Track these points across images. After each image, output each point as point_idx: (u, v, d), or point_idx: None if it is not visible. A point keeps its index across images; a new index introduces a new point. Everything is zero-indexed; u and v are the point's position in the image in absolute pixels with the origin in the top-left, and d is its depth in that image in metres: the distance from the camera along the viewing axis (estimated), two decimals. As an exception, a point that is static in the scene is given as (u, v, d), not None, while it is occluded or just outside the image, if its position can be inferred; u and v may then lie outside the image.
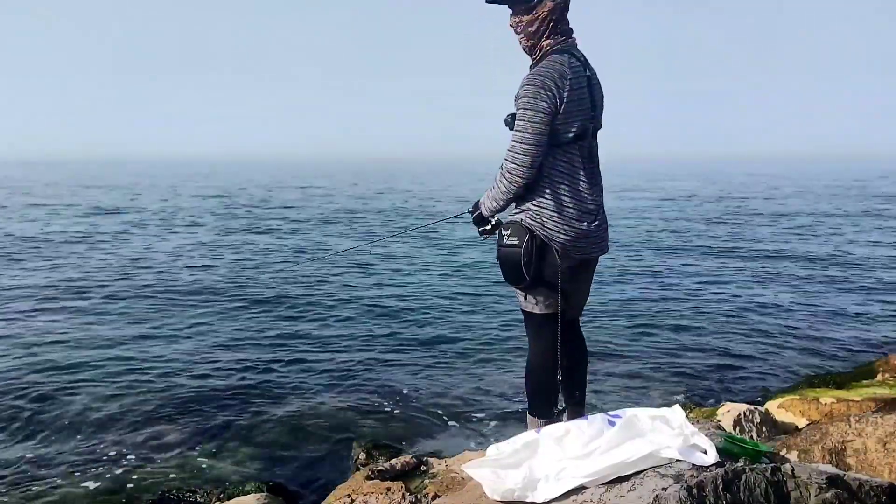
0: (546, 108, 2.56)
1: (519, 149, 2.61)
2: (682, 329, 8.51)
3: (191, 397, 6.09)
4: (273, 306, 9.68)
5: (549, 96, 2.56)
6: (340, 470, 4.67)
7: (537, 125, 2.58)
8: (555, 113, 2.58)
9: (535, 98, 2.57)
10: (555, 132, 2.62)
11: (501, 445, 2.68)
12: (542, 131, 2.58)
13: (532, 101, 2.57)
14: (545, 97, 2.56)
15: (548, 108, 2.57)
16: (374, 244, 4.15)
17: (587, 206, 2.73)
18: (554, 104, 2.57)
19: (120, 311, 9.29)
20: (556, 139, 2.64)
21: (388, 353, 7.49)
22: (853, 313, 9.40)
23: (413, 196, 37.58)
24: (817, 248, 15.94)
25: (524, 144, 2.60)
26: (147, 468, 4.80)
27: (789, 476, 2.23)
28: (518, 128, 2.62)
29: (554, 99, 2.57)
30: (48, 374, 6.67)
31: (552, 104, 2.57)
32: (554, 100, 2.57)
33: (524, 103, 2.59)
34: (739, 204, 30.36)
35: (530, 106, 2.58)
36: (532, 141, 2.59)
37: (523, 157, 2.61)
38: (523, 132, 2.60)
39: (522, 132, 2.60)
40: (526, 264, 2.68)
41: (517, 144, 2.62)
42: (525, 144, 2.60)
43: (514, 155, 2.62)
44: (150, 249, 15.48)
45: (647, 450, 2.33)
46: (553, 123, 2.60)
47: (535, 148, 2.60)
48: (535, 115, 2.57)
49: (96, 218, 22.72)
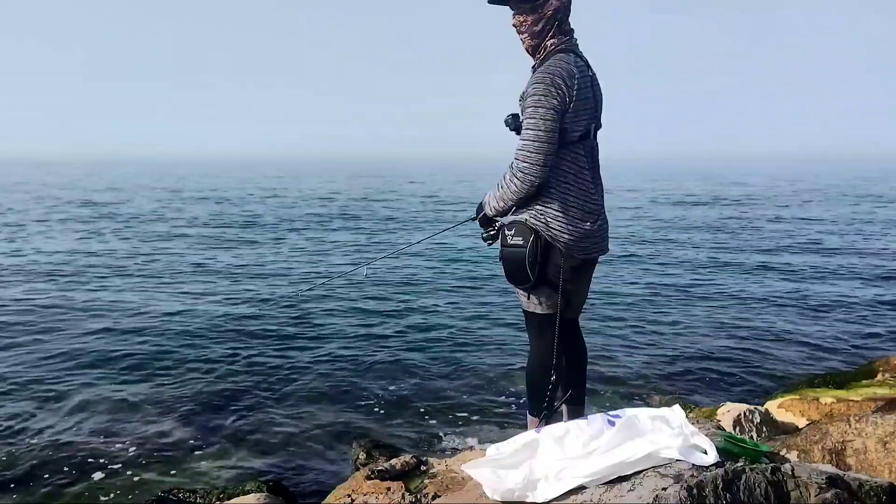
0: (557, 105, 2.54)
1: (532, 147, 2.56)
2: (681, 329, 8.50)
3: (191, 397, 6.09)
4: (273, 306, 9.67)
5: (559, 94, 2.54)
6: (340, 470, 4.67)
7: (549, 122, 2.54)
8: (565, 111, 2.57)
9: (546, 96, 2.54)
10: (563, 131, 2.60)
11: (501, 445, 2.68)
12: (554, 129, 2.55)
13: (543, 98, 2.54)
14: (556, 95, 2.54)
15: (559, 105, 2.54)
16: (369, 266, 4.09)
17: (591, 206, 2.73)
18: (564, 102, 2.55)
19: (118, 311, 9.29)
20: (564, 138, 2.62)
21: (387, 353, 7.49)
22: (853, 313, 9.40)
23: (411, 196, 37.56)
24: (817, 248, 15.94)
25: (537, 142, 2.55)
26: (147, 468, 4.80)
27: (789, 476, 2.23)
28: (529, 126, 2.57)
29: (564, 97, 2.55)
30: (48, 373, 6.67)
31: (562, 102, 2.55)
32: (564, 98, 2.55)
33: (535, 101, 2.55)
34: (739, 204, 30.36)
35: (542, 104, 2.54)
36: (544, 139, 2.55)
37: (536, 155, 2.56)
38: (535, 130, 2.55)
39: (535, 130, 2.55)
40: (531, 264, 2.67)
41: (529, 143, 2.57)
42: (538, 142, 2.55)
43: (527, 154, 2.57)
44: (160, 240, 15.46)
45: (647, 450, 2.33)
46: (562, 122, 2.59)
47: (547, 146, 2.56)
48: (547, 112, 2.54)
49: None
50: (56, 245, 15.95)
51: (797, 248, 15.90)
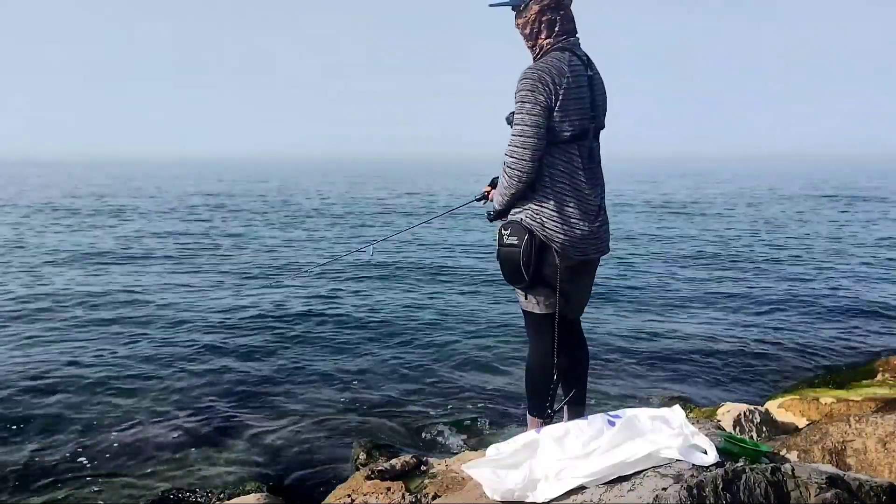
0: (543, 101, 2.58)
1: (518, 142, 2.62)
2: (681, 329, 8.50)
3: (191, 397, 6.09)
4: (273, 306, 9.67)
5: (545, 91, 2.57)
6: (340, 470, 4.67)
7: (535, 118, 2.58)
8: (551, 108, 2.59)
9: (532, 92, 2.58)
10: (551, 129, 2.62)
11: (501, 445, 2.68)
12: (541, 124, 2.59)
13: (529, 94, 2.59)
14: (542, 91, 2.57)
15: (545, 101, 2.58)
16: (375, 245, 4.11)
17: (587, 207, 2.73)
18: (550, 99, 2.58)
19: (117, 310, 9.30)
20: (554, 137, 2.64)
21: (387, 353, 7.48)
22: (853, 313, 9.39)
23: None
24: (817, 248, 15.94)
25: (523, 137, 2.61)
26: (147, 468, 4.79)
27: (789, 476, 2.23)
28: (516, 121, 2.63)
29: (550, 94, 2.58)
30: (47, 372, 6.67)
31: (548, 99, 2.58)
32: (550, 95, 2.58)
33: (521, 97, 2.61)
34: (738, 204, 30.36)
35: (528, 99, 2.59)
36: (531, 133, 2.59)
37: (522, 149, 2.61)
38: (522, 125, 2.61)
39: (521, 125, 2.61)
40: (525, 264, 2.69)
41: (516, 138, 2.62)
42: (524, 137, 2.60)
43: (514, 149, 2.63)
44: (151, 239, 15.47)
45: (647, 450, 2.34)
46: (551, 120, 2.61)
47: (534, 140, 2.60)
48: (533, 107, 2.58)
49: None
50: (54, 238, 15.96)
51: (796, 249, 15.90)
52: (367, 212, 26.56)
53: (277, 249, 15.84)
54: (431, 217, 4.62)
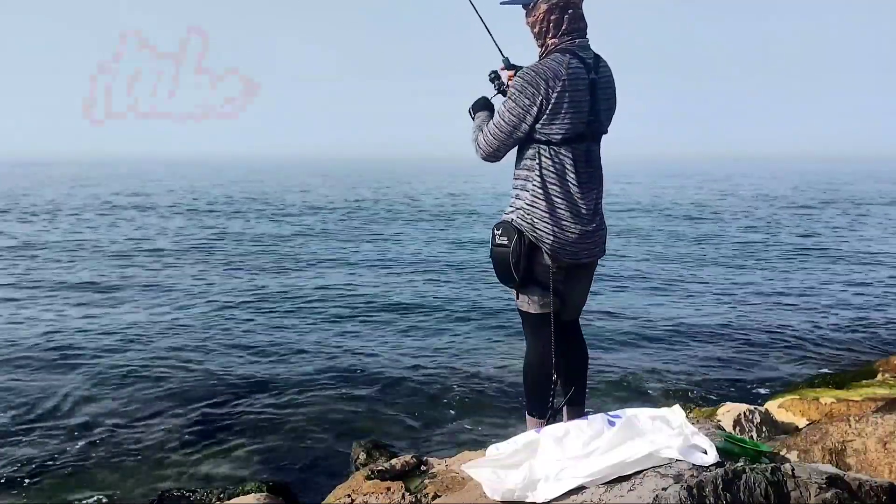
0: (527, 104, 2.61)
1: (491, 131, 2.70)
2: (681, 329, 8.50)
3: (191, 397, 6.09)
4: (273, 306, 9.67)
5: (534, 93, 2.59)
6: (340, 470, 4.66)
7: (513, 118, 2.64)
8: (538, 111, 2.60)
9: (521, 92, 2.62)
10: (540, 131, 2.64)
11: (501, 445, 2.68)
12: (514, 124, 2.64)
13: (517, 93, 2.63)
14: (530, 93, 2.59)
15: (529, 104, 2.60)
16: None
17: (579, 210, 2.71)
18: (536, 102, 2.59)
19: (117, 310, 9.30)
20: (545, 138, 2.65)
21: (387, 353, 7.48)
22: (853, 313, 9.40)
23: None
24: (817, 247, 15.94)
25: (496, 129, 2.69)
26: (147, 468, 4.80)
27: (789, 476, 2.23)
28: (498, 112, 2.71)
29: (538, 97, 2.59)
30: (46, 371, 6.67)
31: (534, 102, 2.59)
32: (538, 98, 2.59)
33: (510, 94, 2.66)
34: (738, 204, 30.35)
35: (513, 97, 2.64)
36: (503, 128, 2.67)
37: (491, 138, 2.71)
38: (500, 118, 2.69)
39: (499, 117, 2.69)
40: (515, 264, 2.70)
41: (492, 127, 2.70)
42: (497, 129, 2.69)
43: (486, 135, 2.72)
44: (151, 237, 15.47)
45: (647, 450, 2.33)
46: (535, 121, 2.62)
47: (504, 136, 2.68)
48: (515, 107, 2.63)
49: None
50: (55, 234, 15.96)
51: (796, 249, 15.90)
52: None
53: (280, 244, 15.86)
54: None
